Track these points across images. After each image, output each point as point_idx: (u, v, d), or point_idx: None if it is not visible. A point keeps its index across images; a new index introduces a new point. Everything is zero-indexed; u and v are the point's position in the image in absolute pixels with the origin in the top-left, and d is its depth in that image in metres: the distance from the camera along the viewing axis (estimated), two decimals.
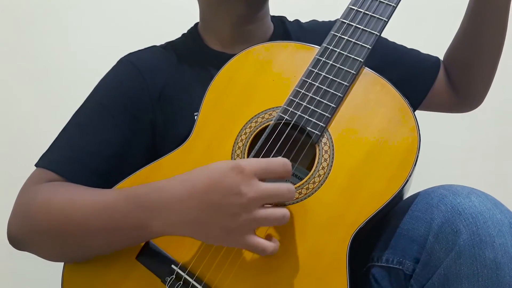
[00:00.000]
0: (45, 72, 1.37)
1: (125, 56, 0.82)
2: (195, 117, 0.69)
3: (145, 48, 0.84)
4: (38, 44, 1.38)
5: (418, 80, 0.87)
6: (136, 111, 0.76)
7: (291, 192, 0.56)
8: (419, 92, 0.87)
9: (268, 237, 0.57)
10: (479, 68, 0.85)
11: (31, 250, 0.67)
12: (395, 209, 0.64)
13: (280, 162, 0.56)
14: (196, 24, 0.88)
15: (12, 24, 1.39)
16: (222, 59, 0.71)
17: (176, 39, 0.88)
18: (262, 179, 0.55)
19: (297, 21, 0.92)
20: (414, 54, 0.90)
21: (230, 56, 0.71)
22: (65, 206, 0.63)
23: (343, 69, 0.65)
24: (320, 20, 0.90)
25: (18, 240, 0.66)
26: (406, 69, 0.84)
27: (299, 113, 0.64)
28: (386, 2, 0.66)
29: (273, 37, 0.85)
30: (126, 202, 0.60)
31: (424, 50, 0.90)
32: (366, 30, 0.65)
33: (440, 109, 0.93)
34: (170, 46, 0.86)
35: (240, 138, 0.66)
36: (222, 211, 0.54)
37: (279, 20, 0.89)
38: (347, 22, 0.67)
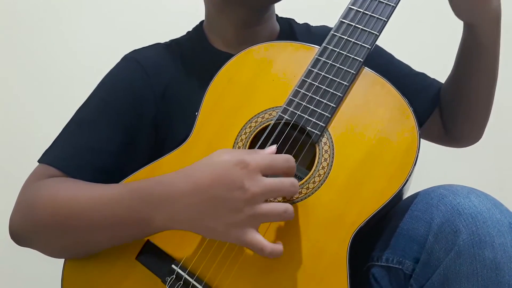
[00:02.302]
0: (45, 72, 1.37)
1: (129, 53, 0.82)
2: (196, 116, 0.69)
3: (150, 46, 0.84)
4: (38, 44, 1.39)
5: (419, 103, 0.83)
6: (139, 108, 0.76)
7: (295, 186, 0.56)
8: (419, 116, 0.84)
9: (271, 241, 0.57)
10: (466, 114, 0.83)
11: (34, 245, 0.67)
12: (395, 209, 0.64)
13: (284, 158, 0.57)
14: (201, 23, 0.88)
15: (12, 24, 1.39)
16: (226, 59, 0.71)
17: (181, 37, 0.88)
18: (265, 175, 0.55)
19: (306, 24, 0.91)
20: (419, 77, 0.88)
21: None
22: (69, 200, 0.63)
23: (343, 69, 0.65)
24: (330, 26, 0.89)
25: (20, 235, 0.66)
26: (406, 88, 0.79)
27: (299, 112, 0.64)
28: (385, 2, 0.66)
29: (279, 39, 0.85)
30: (130, 196, 0.60)
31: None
32: (366, 30, 0.65)
33: (430, 139, 0.91)
34: (174, 44, 0.86)
35: (240, 138, 0.66)
36: (225, 205, 0.54)
37: (287, 22, 0.89)
38: (347, 22, 0.67)
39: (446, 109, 0.85)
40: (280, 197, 0.60)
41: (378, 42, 0.68)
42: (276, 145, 0.60)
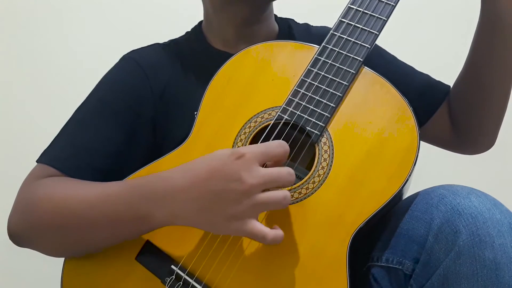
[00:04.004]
0: (44, 72, 1.37)
1: (128, 53, 0.82)
2: (195, 116, 0.69)
3: (148, 46, 0.84)
4: (38, 44, 1.39)
5: (420, 103, 0.80)
6: (138, 108, 0.76)
7: (292, 175, 0.56)
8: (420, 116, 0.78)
9: (272, 227, 0.57)
10: (481, 109, 0.78)
11: (33, 245, 0.67)
12: (395, 209, 0.63)
13: (277, 143, 0.57)
14: (200, 23, 0.88)
15: (12, 24, 1.39)
16: (225, 58, 0.71)
17: (180, 37, 0.88)
18: (262, 164, 0.55)
19: (306, 24, 0.91)
20: (422, 78, 0.86)
21: None
22: (68, 199, 0.63)
23: (342, 68, 0.65)
24: (331, 26, 0.88)
25: (19, 236, 0.66)
26: (408, 88, 0.74)
27: (298, 112, 0.64)
28: (385, 1, 0.65)
29: (278, 38, 0.85)
30: (129, 193, 0.60)
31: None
32: (366, 30, 0.65)
33: (437, 143, 0.88)
34: (173, 44, 0.86)
35: (239, 138, 0.66)
36: (224, 198, 0.54)
37: (286, 22, 0.89)
38: (346, 21, 0.67)
39: (458, 107, 0.82)
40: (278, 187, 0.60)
41: (379, 42, 0.68)
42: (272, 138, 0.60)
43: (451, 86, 0.85)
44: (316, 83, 0.65)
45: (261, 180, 0.54)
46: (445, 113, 0.84)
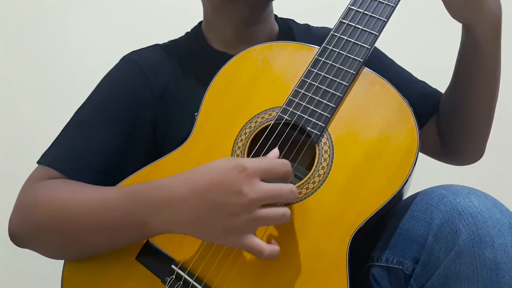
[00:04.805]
0: (45, 72, 1.37)
1: (128, 54, 0.82)
2: (196, 117, 0.69)
3: (148, 47, 0.84)
4: (38, 44, 1.39)
5: (416, 110, 0.76)
6: (138, 109, 0.76)
7: (293, 193, 0.56)
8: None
9: (269, 241, 0.57)
10: (465, 127, 0.79)
11: (32, 247, 0.67)
12: (395, 209, 0.64)
13: (281, 163, 0.56)
14: (200, 23, 0.88)
15: (12, 24, 1.39)
16: (225, 59, 0.71)
17: (179, 37, 0.88)
18: (264, 179, 0.55)
19: (306, 25, 0.91)
20: (418, 85, 0.86)
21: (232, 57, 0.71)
22: (67, 203, 0.63)
23: (342, 69, 0.65)
24: (331, 27, 0.88)
25: (19, 236, 0.66)
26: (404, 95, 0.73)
27: (298, 113, 0.64)
28: (385, 2, 0.66)
29: (278, 39, 0.85)
30: (128, 200, 0.60)
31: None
32: (366, 30, 0.65)
33: (424, 152, 0.87)
34: (173, 45, 0.86)
35: (240, 138, 0.66)
36: (223, 210, 0.54)
37: (286, 23, 0.89)
38: (347, 22, 0.67)
39: (445, 121, 0.83)
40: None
41: (378, 44, 0.68)
42: (277, 149, 0.60)
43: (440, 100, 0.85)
44: (316, 84, 0.65)
45: (261, 195, 0.54)
46: (434, 122, 0.85)
